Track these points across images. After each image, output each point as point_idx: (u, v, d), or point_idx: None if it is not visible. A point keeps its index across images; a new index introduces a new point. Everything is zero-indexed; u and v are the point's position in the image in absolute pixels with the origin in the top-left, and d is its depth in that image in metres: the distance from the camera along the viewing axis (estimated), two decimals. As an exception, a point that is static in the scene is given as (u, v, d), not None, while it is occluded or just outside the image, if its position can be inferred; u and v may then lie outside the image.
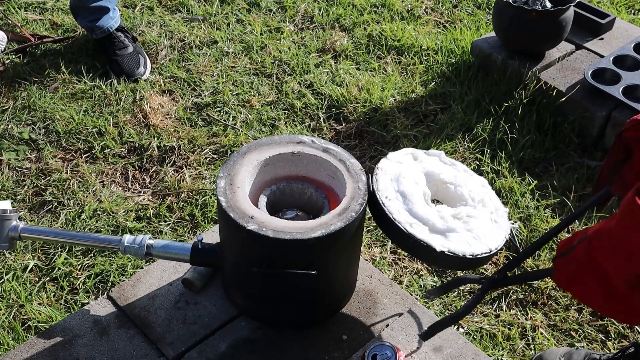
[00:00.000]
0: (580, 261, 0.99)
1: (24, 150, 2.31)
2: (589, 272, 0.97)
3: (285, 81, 2.63)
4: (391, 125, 2.43)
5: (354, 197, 1.45)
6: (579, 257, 0.99)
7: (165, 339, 1.55)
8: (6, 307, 1.83)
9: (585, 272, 0.98)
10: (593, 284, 0.97)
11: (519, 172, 2.26)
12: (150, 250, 1.56)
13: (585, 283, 0.99)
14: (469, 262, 1.46)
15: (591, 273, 0.97)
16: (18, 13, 2.94)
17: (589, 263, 0.97)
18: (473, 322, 1.84)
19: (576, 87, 2.43)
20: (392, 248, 2.01)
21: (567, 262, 1.01)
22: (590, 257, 0.97)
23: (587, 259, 0.98)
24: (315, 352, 1.54)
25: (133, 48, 2.65)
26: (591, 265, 0.97)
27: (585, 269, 0.98)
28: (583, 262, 0.98)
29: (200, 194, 2.16)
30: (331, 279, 1.53)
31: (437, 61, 2.75)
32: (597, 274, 0.96)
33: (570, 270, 1.01)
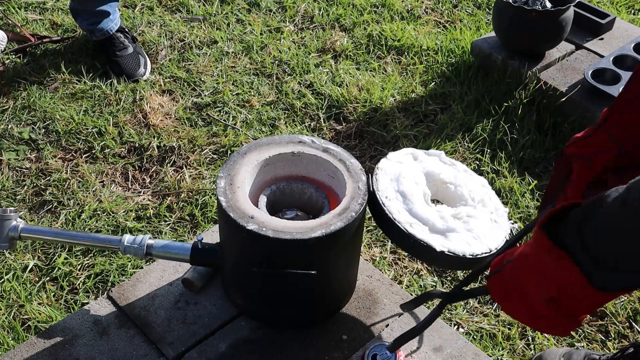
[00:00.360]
0: (507, 281, 1.05)
1: (24, 150, 2.31)
2: (515, 291, 1.04)
3: (285, 81, 2.63)
4: (391, 125, 2.43)
5: (354, 197, 1.45)
6: (506, 277, 1.05)
7: (165, 339, 1.55)
8: (6, 307, 1.83)
9: (512, 290, 1.04)
10: (519, 302, 1.04)
11: (519, 172, 2.26)
12: (150, 250, 1.56)
13: (513, 301, 1.05)
14: (469, 262, 1.46)
15: (516, 292, 1.03)
16: (18, 13, 2.94)
17: (514, 283, 1.03)
18: (473, 322, 1.84)
19: (576, 87, 2.43)
20: (392, 248, 2.01)
21: (497, 281, 1.07)
22: (515, 277, 1.03)
23: (512, 279, 1.04)
24: (315, 352, 1.54)
25: (133, 49, 2.65)
26: (516, 284, 1.03)
27: (512, 288, 1.04)
28: (509, 282, 1.04)
29: (200, 194, 2.16)
30: (331, 279, 1.53)
31: (437, 61, 2.75)
32: (520, 293, 1.02)
33: (500, 288, 1.07)
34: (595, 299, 0.94)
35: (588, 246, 0.91)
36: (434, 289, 1.37)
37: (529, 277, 1.00)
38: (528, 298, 1.01)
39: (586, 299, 0.94)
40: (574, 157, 1.19)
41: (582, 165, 1.17)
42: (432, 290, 1.40)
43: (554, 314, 0.99)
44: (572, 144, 1.20)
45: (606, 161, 1.14)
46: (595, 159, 1.15)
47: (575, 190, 1.19)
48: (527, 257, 1.00)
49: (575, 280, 0.92)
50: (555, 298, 0.97)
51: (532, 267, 0.99)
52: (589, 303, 0.95)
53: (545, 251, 0.95)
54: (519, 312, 1.06)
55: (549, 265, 0.96)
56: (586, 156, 1.17)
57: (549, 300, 0.98)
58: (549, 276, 0.96)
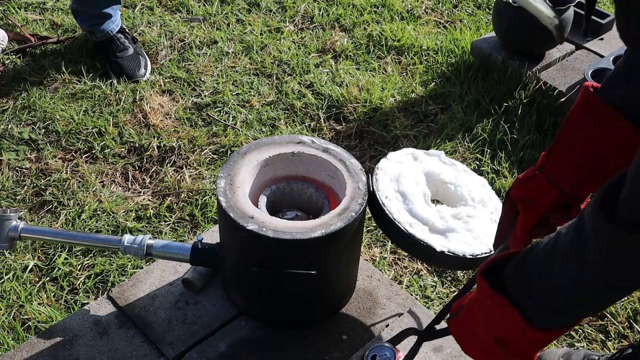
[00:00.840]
0: (461, 324, 1.12)
1: (24, 150, 2.31)
2: (469, 334, 1.11)
3: (285, 81, 2.63)
4: (391, 125, 2.43)
5: (354, 197, 1.45)
6: (460, 321, 1.12)
7: (165, 339, 1.55)
8: (6, 307, 1.83)
9: (467, 334, 1.12)
10: (471, 342, 1.11)
11: (519, 172, 2.26)
12: (150, 250, 1.56)
13: (469, 343, 1.12)
14: (469, 262, 1.46)
15: (470, 335, 1.10)
16: (18, 13, 2.94)
17: (466, 325, 1.11)
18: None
19: (576, 87, 2.43)
20: (392, 248, 2.01)
21: (454, 324, 1.15)
22: (466, 319, 1.11)
23: (464, 321, 1.11)
24: (315, 352, 1.54)
25: (133, 49, 2.65)
26: (467, 326, 1.10)
27: (466, 331, 1.11)
28: (463, 324, 1.12)
29: (200, 194, 2.16)
30: (331, 279, 1.53)
31: (437, 61, 2.75)
32: (472, 334, 1.10)
33: (457, 330, 1.14)
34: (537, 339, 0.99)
35: (527, 289, 0.97)
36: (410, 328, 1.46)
37: (476, 319, 1.07)
38: (478, 338, 1.08)
39: (528, 339, 0.99)
40: (518, 200, 1.24)
41: (526, 207, 1.22)
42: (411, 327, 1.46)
43: (502, 352, 1.05)
44: (515, 186, 1.25)
45: (548, 203, 1.19)
46: (538, 201, 1.20)
47: (522, 230, 1.24)
48: (474, 302, 1.08)
49: (516, 323, 0.98)
50: (502, 339, 1.03)
51: (477, 310, 1.07)
52: (531, 343, 1.01)
53: (487, 296, 1.02)
54: (473, 352, 1.13)
55: (491, 309, 1.02)
56: (528, 199, 1.22)
57: (497, 340, 1.03)
58: (492, 319, 1.03)
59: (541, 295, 0.96)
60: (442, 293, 1.90)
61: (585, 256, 0.86)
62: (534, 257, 0.96)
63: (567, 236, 0.89)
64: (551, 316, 0.97)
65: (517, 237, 1.26)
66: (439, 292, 1.91)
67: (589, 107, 1.11)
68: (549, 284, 0.93)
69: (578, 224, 0.86)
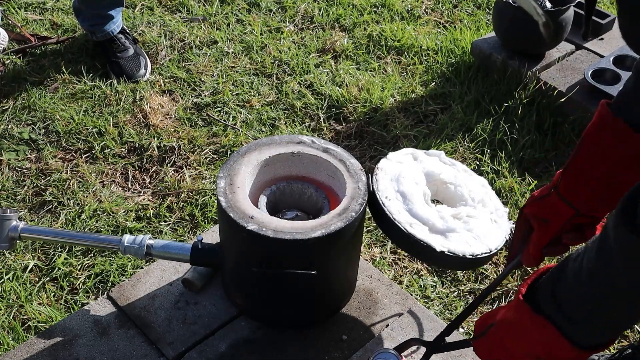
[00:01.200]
0: (492, 342, 1.12)
1: (24, 150, 2.31)
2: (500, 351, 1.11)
3: (285, 81, 2.63)
4: (391, 125, 2.43)
5: (354, 197, 1.45)
6: (490, 339, 1.13)
7: (165, 339, 1.55)
8: (6, 307, 1.83)
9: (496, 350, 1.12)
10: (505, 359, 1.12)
11: (519, 172, 2.26)
12: (150, 250, 1.56)
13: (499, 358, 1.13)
14: (469, 262, 1.46)
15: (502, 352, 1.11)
16: (18, 13, 2.94)
17: (499, 344, 1.11)
18: (473, 322, 1.83)
19: (576, 87, 2.43)
20: (392, 248, 2.01)
21: (482, 343, 1.15)
22: (500, 339, 1.10)
23: (498, 341, 1.11)
24: (315, 352, 1.54)
25: (134, 50, 2.65)
26: (501, 346, 1.10)
27: (496, 348, 1.12)
28: (494, 343, 1.12)
29: (200, 194, 2.16)
30: (331, 279, 1.53)
31: (437, 61, 2.75)
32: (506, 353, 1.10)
33: (486, 349, 1.15)
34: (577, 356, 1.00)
35: (561, 306, 0.97)
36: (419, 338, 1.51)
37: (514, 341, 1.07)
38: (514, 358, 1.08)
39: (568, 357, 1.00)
40: (531, 217, 1.25)
41: (540, 225, 1.23)
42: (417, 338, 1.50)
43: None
44: (530, 203, 1.25)
45: (562, 223, 1.20)
46: (552, 220, 1.21)
47: (535, 248, 1.25)
48: (511, 324, 1.07)
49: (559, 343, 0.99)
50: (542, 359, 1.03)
51: (516, 333, 1.06)
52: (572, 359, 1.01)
53: (527, 319, 1.02)
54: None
55: (532, 332, 1.02)
56: (543, 217, 1.22)
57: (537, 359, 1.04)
58: (533, 341, 1.03)
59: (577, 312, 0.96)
60: (442, 293, 1.90)
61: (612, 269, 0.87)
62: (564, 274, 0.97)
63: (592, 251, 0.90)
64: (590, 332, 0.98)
65: (529, 253, 1.26)
66: (439, 292, 1.91)
67: (605, 126, 1.10)
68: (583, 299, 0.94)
69: (601, 237, 0.87)
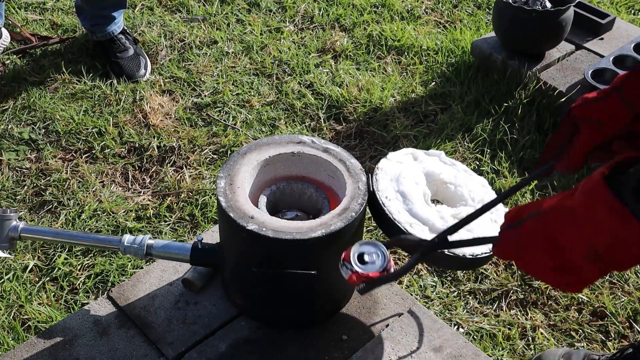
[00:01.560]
0: (532, 234, 1.03)
1: (24, 150, 2.31)
2: (541, 244, 1.02)
3: (285, 81, 2.63)
4: (391, 125, 2.43)
5: (354, 197, 1.45)
6: (529, 230, 1.04)
7: (165, 339, 1.55)
8: (6, 307, 1.83)
9: (536, 244, 1.03)
10: (544, 255, 1.02)
11: (519, 172, 2.26)
12: (150, 250, 1.56)
13: (534, 254, 1.04)
14: (469, 262, 1.46)
15: (543, 245, 1.02)
16: (18, 13, 2.94)
17: (543, 236, 1.02)
18: (473, 322, 1.84)
19: (576, 87, 2.43)
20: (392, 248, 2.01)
21: (516, 234, 1.06)
22: (546, 230, 1.01)
23: (541, 232, 1.02)
24: (315, 352, 1.54)
25: (134, 50, 2.65)
26: (545, 238, 1.02)
27: (537, 241, 1.03)
28: (535, 235, 1.03)
29: (200, 194, 2.16)
30: (331, 279, 1.53)
31: (437, 61, 2.75)
32: (551, 246, 1.01)
33: (518, 241, 1.05)
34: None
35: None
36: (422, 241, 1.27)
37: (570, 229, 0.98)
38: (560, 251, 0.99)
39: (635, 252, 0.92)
40: (582, 119, 1.17)
41: (591, 128, 1.16)
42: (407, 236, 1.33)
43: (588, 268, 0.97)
44: (582, 105, 1.17)
45: (618, 126, 1.13)
46: (607, 123, 1.14)
47: (580, 151, 1.18)
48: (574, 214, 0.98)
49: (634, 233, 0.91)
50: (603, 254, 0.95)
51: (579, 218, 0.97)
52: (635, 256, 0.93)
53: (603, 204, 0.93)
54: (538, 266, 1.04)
55: (605, 219, 0.93)
56: (597, 120, 1.15)
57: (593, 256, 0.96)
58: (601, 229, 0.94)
59: None
60: (442, 293, 1.90)
61: None
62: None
63: None
64: None
65: (570, 158, 1.20)
66: (439, 292, 1.91)
67: None
68: None
69: None
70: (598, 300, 1.89)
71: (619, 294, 1.92)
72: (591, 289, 1.92)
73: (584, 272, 0.99)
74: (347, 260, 1.24)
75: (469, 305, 1.88)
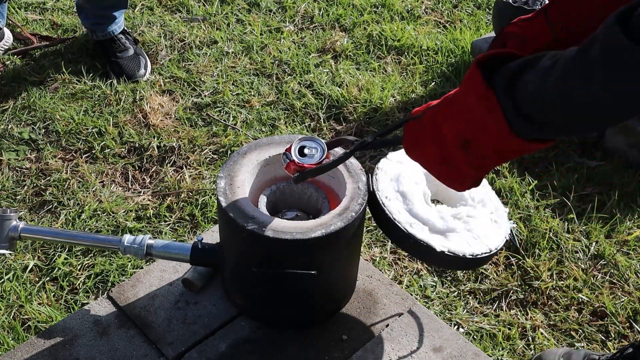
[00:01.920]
0: (426, 125, 1.09)
1: (24, 150, 2.31)
2: (431, 134, 1.07)
3: (285, 81, 2.63)
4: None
5: (354, 197, 1.45)
6: (425, 121, 1.09)
7: (165, 339, 1.55)
8: (6, 307, 1.83)
9: (428, 135, 1.08)
10: (432, 146, 1.08)
11: (519, 172, 2.26)
12: (150, 250, 1.56)
13: (426, 146, 1.09)
14: (469, 262, 1.46)
15: (433, 134, 1.07)
16: (18, 13, 2.94)
17: (432, 126, 1.07)
18: (473, 322, 1.84)
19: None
20: (392, 248, 2.01)
21: (415, 126, 1.11)
22: (435, 121, 1.07)
23: (430, 122, 1.08)
24: (315, 352, 1.54)
25: (134, 50, 2.65)
26: (434, 128, 1.07)
27: (429, 133, 1.08)
28: (427, 125, 1.08)
29: (200, 194, 2.16)
30: (331, 279, 1.53)
31: (437, 61, 2.75)
32: (436, 136, 1.06)
33: (416, 133, 1.11)
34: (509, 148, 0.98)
35: (516, 94, 0.94)
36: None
37: (450, 116, 1.04)
38: (443, 140, 1.05)
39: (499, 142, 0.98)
40: (511, 36, 1.23)
41: (514, 45, 1.21)
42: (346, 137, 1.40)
43: (462, 158, 1.03)
44: (514, 23, 1.24)
45: (539, 45, 1.18)
46: (530, 41, 1.19)
47: None
48: (454, 97, 1.04)
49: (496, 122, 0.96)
50: (470, 140, 1.00)
51: (456, 105, 1.03)
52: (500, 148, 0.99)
53: (474, 89, 0.99)
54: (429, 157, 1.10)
55: (474, 104, 0.99)
56: (522, 36, 1.21)
57: (463, 142, 1.01)
58: (470, 115, 1.00)
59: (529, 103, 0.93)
60: (442, 293, 1.90)
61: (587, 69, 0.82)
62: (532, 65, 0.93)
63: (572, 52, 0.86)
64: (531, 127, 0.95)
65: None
66: (439, 292, 1.91)
67: None
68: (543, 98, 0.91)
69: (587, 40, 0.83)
70: (598, 300, 1.89)
71: (619, 294, 1.92)
72: (591, 289, 1.92)
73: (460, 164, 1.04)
74: (288, 151, 1.35)
75: (469, 305, 1.88)
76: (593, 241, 2.05)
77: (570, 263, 1.98)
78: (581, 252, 2.02)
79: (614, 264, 1.99)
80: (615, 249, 2.03)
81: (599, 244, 2.04)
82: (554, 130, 0.96)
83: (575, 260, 2.00)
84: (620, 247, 2.05)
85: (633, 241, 2.06)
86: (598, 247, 2.03)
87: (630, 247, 2.05)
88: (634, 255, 2.03)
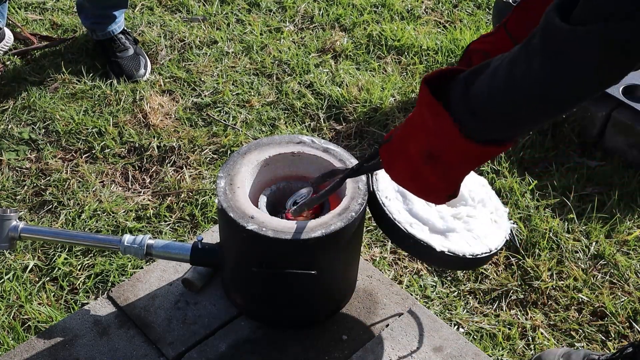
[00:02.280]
0: (395, 146, 1.13)
1: (24, 150, 2.31)
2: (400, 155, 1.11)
3: (285, 81, 2.63)
4: (391, 125, 2.43)
5: (354, 197, 1.45)
6: (393, 142, 1.13)
7: (165, 339, 1.55)
8: (6, 307, 1.83)
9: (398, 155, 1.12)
10: (403, 164, 1.12)
11: (519, 172, 2.26)
12: (150, 250, 1.56)
13: (398, 165, 1.13)
14: (469, 262, 1.46)
15: (401, 155, 1.11)
16: (18, 13, 2.94)
17: (399, 144, 1.11)
18: (473, 322, 1.84)
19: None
20: (392, 248, 2.01)
21: (387, 148, 1.15)
22: (401, 140, 1.11)
23: (397, 141, 1.12)
24: (315, 352, 1.54)
25: (134, 50, 2.65)
26: (401, 147, 1.11)
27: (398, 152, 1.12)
28: (396, 146, 1.12)
29: (200, 194, 2.16)
30: (331, 279, 1.53)
31: (437, 61, 2.75)
32: (404, 155, 1.10)
33: (388, 154, 1.15)
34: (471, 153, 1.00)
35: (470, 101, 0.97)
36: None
37: (412, 133, 1.07)
38: (409, 156, 1.08)
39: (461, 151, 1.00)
40: (475, 52, 1.27)
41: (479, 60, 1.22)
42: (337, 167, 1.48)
43: (431, 171, 1.06)
44: (478, 40, 1.27)
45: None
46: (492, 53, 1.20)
47: None
48: (412, 115, 1.08)
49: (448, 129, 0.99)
50: (431, 152, 1.04)
51: (413, 123, 1.07)
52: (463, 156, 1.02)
53: (425, 104, 1.02)
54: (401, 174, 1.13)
55: (427, 118, 1.02)
56: (485, 51, 1.24)
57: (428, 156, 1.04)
58: (425, 126, 1.03)
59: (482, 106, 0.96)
60: (442, 293, 1.90)
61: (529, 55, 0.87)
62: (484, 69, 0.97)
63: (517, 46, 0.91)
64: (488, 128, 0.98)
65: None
66: (439, 292, 1.91)
67: None
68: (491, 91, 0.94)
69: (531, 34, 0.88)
70: (598, 300, 1.89)
71: (619, 294, 1.92)
72: (591, 289, 1.92)
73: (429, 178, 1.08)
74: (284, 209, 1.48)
75: (469, 305, 1.88)
76: (593, 241, 2.05)
77: (570, 263, 1.99)
78: (581, 252, 2.02)
79: (614, 264, 1.99)
80: (615, 249, 2.03)
81: (599, 244, 2.04)
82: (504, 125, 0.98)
83: (575, 260, 2.00)
84: (620, 247, 2.05)
85: (633, 241, 2.06)
86: (598, 247, 2.03)
87: (630, 247, 2.05)
88: (634, 255, 2.03)
